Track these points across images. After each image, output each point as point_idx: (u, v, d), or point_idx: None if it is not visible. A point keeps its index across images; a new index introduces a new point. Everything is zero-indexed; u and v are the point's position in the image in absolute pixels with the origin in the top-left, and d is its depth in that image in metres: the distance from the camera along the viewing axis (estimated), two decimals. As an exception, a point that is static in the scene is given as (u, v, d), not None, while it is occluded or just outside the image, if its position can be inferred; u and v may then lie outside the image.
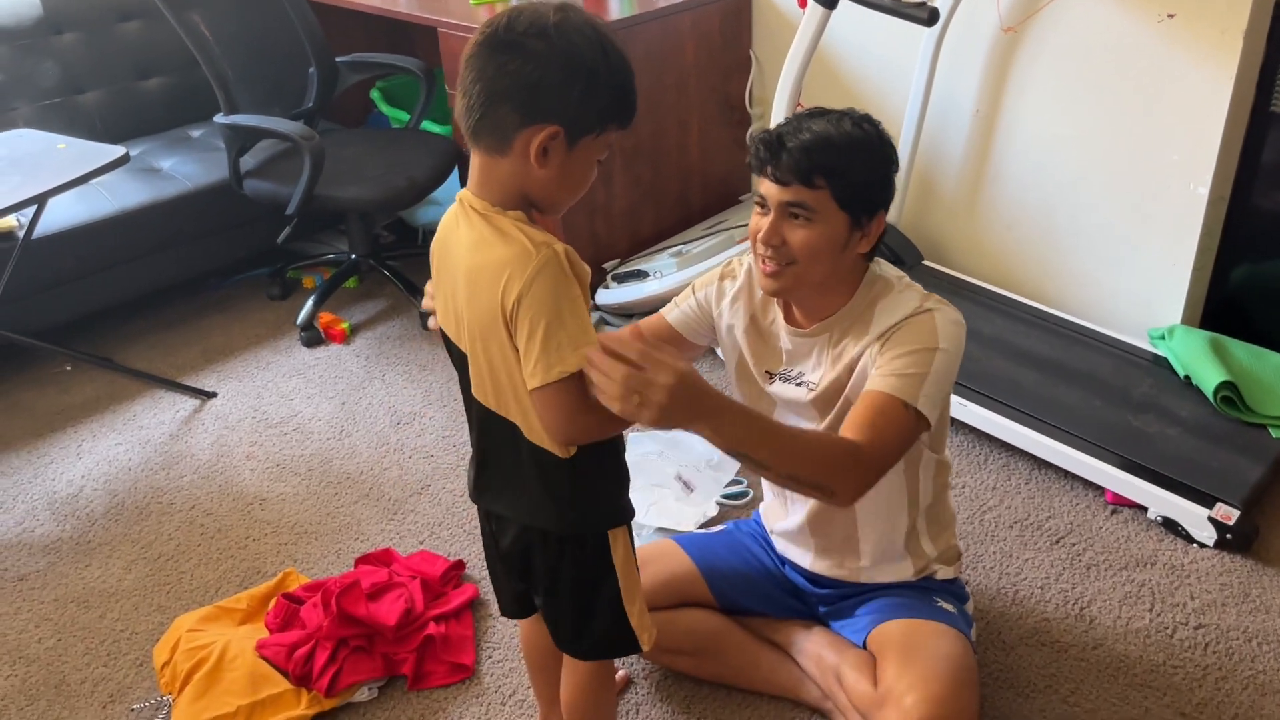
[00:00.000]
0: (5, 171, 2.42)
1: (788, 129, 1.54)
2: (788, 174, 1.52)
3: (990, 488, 2.36)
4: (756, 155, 1.56)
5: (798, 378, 1.69)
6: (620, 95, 1.24)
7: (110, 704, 1.94)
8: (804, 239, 1.54)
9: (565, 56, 1.18)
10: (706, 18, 3.14)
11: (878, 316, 1.59)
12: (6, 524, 2.40)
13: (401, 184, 2.95)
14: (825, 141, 1.51)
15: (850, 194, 1.53)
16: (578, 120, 1.21)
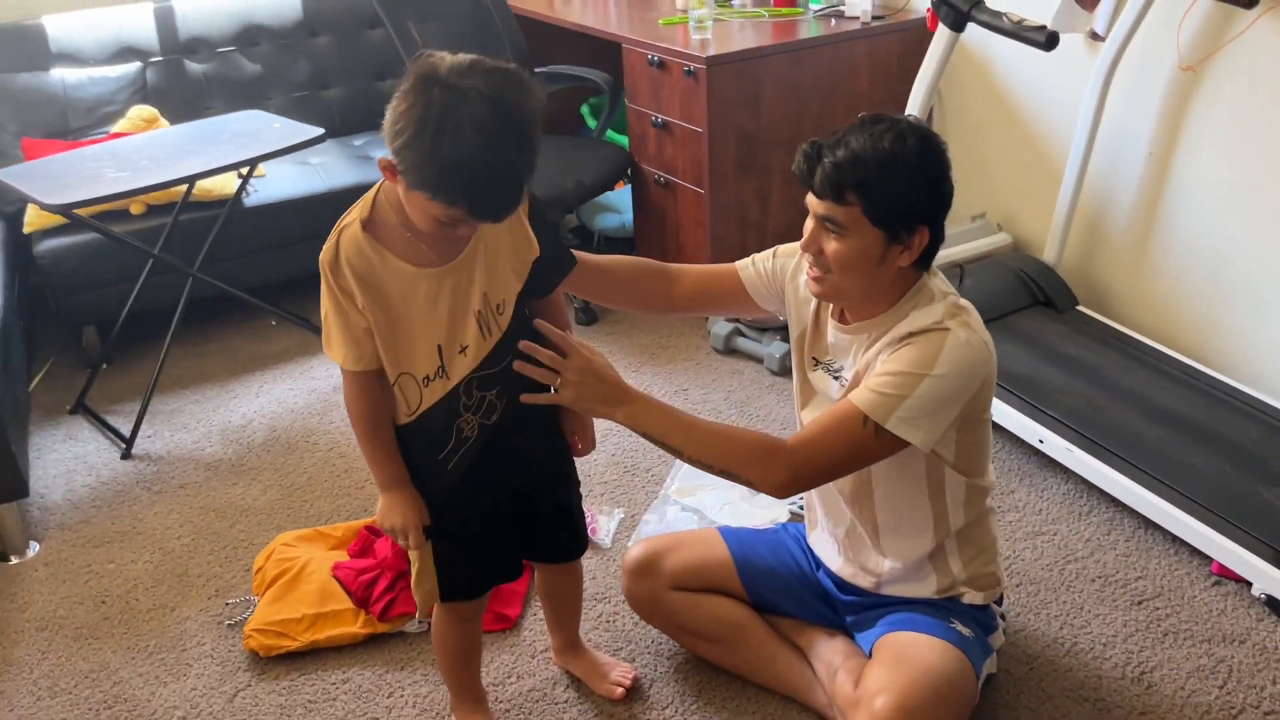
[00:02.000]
0: (227, 142, 2.83)
1: (830, 141, 1.54)
2: (822, 188, 1.52)
3: (1084, 539, 2.23)
4: (798, 165, 1.56)
5: (837, 371, 1.70)
6: (448, 184, 1.26)
7: (214, 597, 2.22)
8: (836, 251, 1.54)
9: (419, 124, 1.23)
10: (884, 46, 3.15)
11: (905, 323, 1.58)
12: (185, 441, 2.79)
13: (569, 185, 3.16)
14: (858, 159, 1.49)
15: (883, 211, 1.51)
16: (409, 169, 1.27)
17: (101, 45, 3.45)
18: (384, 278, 1.42)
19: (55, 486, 2.62)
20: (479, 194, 1.28)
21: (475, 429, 1.53)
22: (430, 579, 1.64)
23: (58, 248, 3.00)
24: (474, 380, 1.50)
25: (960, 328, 1.55)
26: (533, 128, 1.29)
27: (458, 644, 1.77)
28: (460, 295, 1.45)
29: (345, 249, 1.41)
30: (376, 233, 1.42)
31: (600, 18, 3.49)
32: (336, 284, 1.42)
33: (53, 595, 2.26)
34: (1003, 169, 3.15)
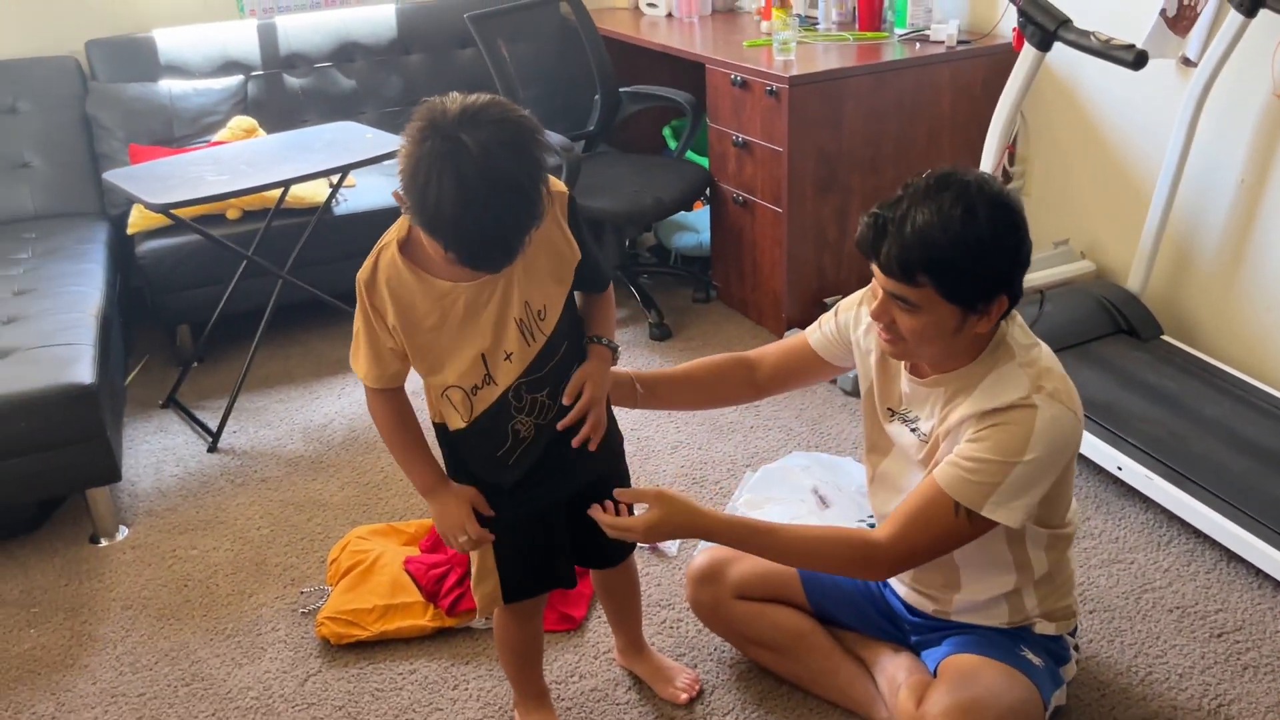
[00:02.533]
0: (321, 150, 2.93)
1: (894, 214, 1.44)
2: (889, 267, 1.45)
3: (1163, 569, 2.17)
4: (861, 237, 1.49)
5: (914, 422, 1.65)
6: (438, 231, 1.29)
7: (290, 586, 2.29)
8: (910, 326, 1.49)
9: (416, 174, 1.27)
10: (968, 70, 3.14)
11: (984, 389, 1.52)
12: (269, 438, 2.88)
13: (648, 202, 3.21)
14: (926, 240, 1.41)
15: (958, 290, 1.45)
16: (409, 209, 1.31)
17: (207, 59, 3.60)
18: (420, 298, 1.44)
19: (145, 475, 2.73)
20: (467, 249, 1.30)
21: (531, 429, 1.55)
22: (491, 579, 1.67)
23: (157, 249, 3.13)
24: (522, 385, 1.51)
25: (1047, 402, 1.48)
26: (524, 187, 1.29)
27: (519, 642, 1.80)
28: (500, 304, 1.46)
29: (383, 270, 1.44)
30: (413, 253, 1.44)
31: (685, 39, 3.54)
32: (370, 302, 1.45)
33: (138, 577, 2.34)
34: (1087, 195, 3.11)
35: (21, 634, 2.19)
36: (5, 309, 2.66)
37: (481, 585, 1.68)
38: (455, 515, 1.57)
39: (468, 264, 1.33)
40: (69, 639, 2.17)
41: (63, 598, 2.29)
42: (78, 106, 3.45)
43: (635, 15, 4.06)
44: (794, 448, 2.67)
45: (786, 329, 3.15)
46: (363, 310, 1.47)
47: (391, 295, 1.44)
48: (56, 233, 3.21)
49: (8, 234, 3.22)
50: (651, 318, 3.33)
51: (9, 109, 3.39)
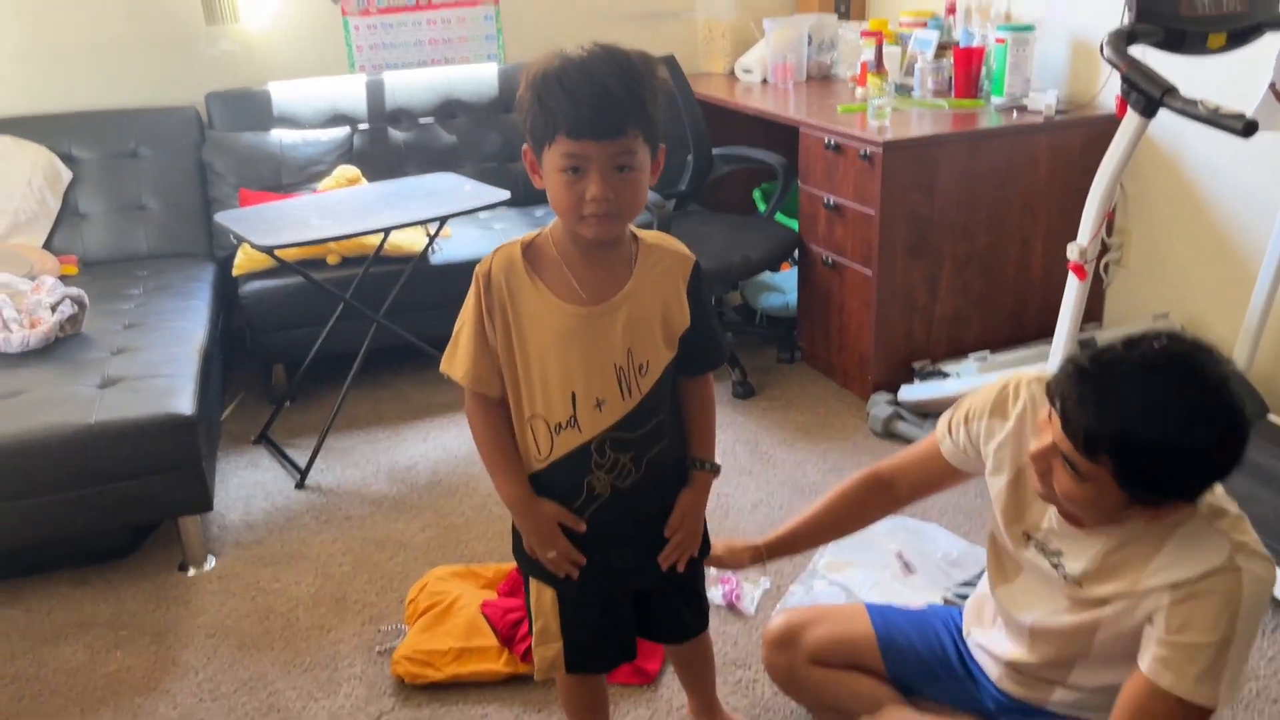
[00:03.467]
0: (421, 199, 3.02)
1: (1104, 379, 1.29)
2: (1074, 433, 1.31)
3: (1267, 657, 2.07)
4: (1057, 381, 1.35)
5: (1055, 555, 1.52)
6: (545, 108, 1.30)
7: (368, 624, 2.31)
8: (1066, 489, 1.37)
9: (536, 71, 1.32)
10: (1066, 139, 3.11)
11: (1171, 551, 1.38)
12: (354, 477, 2.94)
13: (736, 260, 3.22)
14: (1128, 429, 1.27)
15: (1136, 485, 1.31)
16: (530, 131, 1.34)
17: (317, 111, 3.75)
18: (534, 305, 1.43)
19: (234, 508, 2.79)
20: (568, 107, 1.29)
21: (608, 488, 1.51)
22: (556, 644, 1.62)
23: (259, 290, 3.24)
24: (608, 440, 1.47)
25: (1250, 561, 1.34)
26: (636, 69, 1.32)
27: (582, 701, 1.78)
28: (601, 342, 1.43)
29: (502, 267, 1.43)
30: (533, 259, 1.44)
31: (779, 104, 3.58)
32: (484, 297, 1.43)
33: (222, 606, 2.39)
34: (1189, 267, 3.04)
35: (109, 655, 2.25)
36: (115, 340, 2.78)
37: (543, 647, 1.63)
38: (544, 529, 1.52)
39: (573, 130, 1.29)
40: (153, 663, 2.22)
41: (150, 622, 2.35)
42: (194, 153, 3.62)
43: (730, 80, 4.12)
44: (877, 512, 2.62)
45: (872, 391, 3.12)
46: (475, 303, 1.45)
47: (510, 293, 1.42)
48: (166, 271, 3.35)
49: (123, 271, 3.37)
50: (735, 375, 3.32)
51: (131, 154, 3.57)
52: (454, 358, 1.49)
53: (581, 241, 1.42)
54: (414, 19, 3.96)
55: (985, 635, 1.77)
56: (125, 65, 3.63)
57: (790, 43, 3.94)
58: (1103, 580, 1.47)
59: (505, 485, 1.52)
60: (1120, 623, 1.47)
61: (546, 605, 1.61)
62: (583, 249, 1.43)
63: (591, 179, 1.32)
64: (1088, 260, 2.42)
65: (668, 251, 1.50)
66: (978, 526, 2.54)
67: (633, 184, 1.35)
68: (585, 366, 1.44)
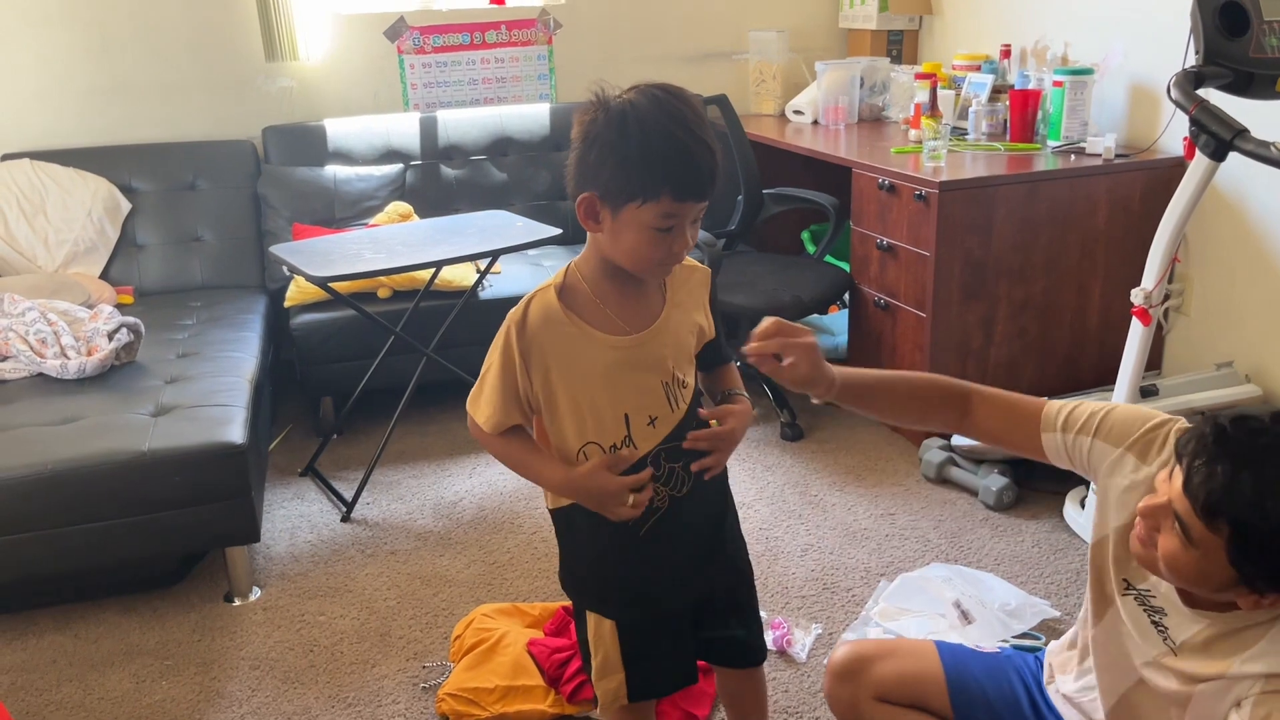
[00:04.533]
0: (473, 235, 3.03)
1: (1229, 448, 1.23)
2: (1194, 494, 1.25)
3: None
4: (1186, 441, 1.28)
5: (1158, 614, 1.44)
6: (649, 168, 1.28)
7: (412, 659, 2.28)
8: (1170, 552, 1.30)
9: (604, 131, 1.29)
10: (1125, 183, 3.07)
11: (1273, 641, 1.31)
12: (400, 511, 2.92)
13: (786, 299, 3.20)
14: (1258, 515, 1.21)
15: (1249, 567, 1.25)
16: (610, 183, 1.30)
17: (371, 147, 3.80)
18: (576, 344, 1.42)
19: (280, 539, 2.79)
20: (678, 170, 1.28)
21: (665, 500, 1.50)
22: (617, 675, 1.59)
23: (310, 322, 3.26)
24: (662, 452, 1.48)
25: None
26: (703, 114, 1.32)
27: None
28: (649, 366, 1.45)
29: (537, 312, 1.42)
30: (569, 300, 1.44)
31: (830, 145, 3.57)
32: (517, 343, 1.42)
33: (268, 638, 2.37)
34: (1254, 315, 2.97)
35: (154, 685, 2.24)
36: (169, 369, 2.80)
37: (605, 680, 1.60)
38: (606, 482, 1.42)
39: (681, 192, 1.29)
40: (198, 694, 2.20)
41: (196, 652, 2.34)
42: (250, 186, 3.67)
43: (781, 121, 4.12)
44: (931, 559, 2.56)
45: (925, 436, 3.06)
46: (505, 349, 1.43)
47: (548, 336, 1.41)
48: (220, 302, 3.39)
49: (177, 302, 3.41)
50: (784, 417, 3.28)
51: (189, 186, 3.62)
52: (479, 399, 1.48)
53: (619, 276, 1.43)
54: (468, 58, 4.01)
55: (1073, 685, 1.70)
56: (187, 100, 3.70)
57: (842, 85, 3.94)
58: (1199, 658, 1.40)
59: (550, 472, 1.47)
60: (1210, 705, 1.39)
61: (606, 636, 1.57)
62: (620, 283, 1.44)
63: (679, 235, 1.35)
64: (1152, 305, 2.37)
65: (693, 269, 1.54)
66: (1034, 577, 2.47)
67: (698, 230, 1.39)
68: (637, 390, 1.45)
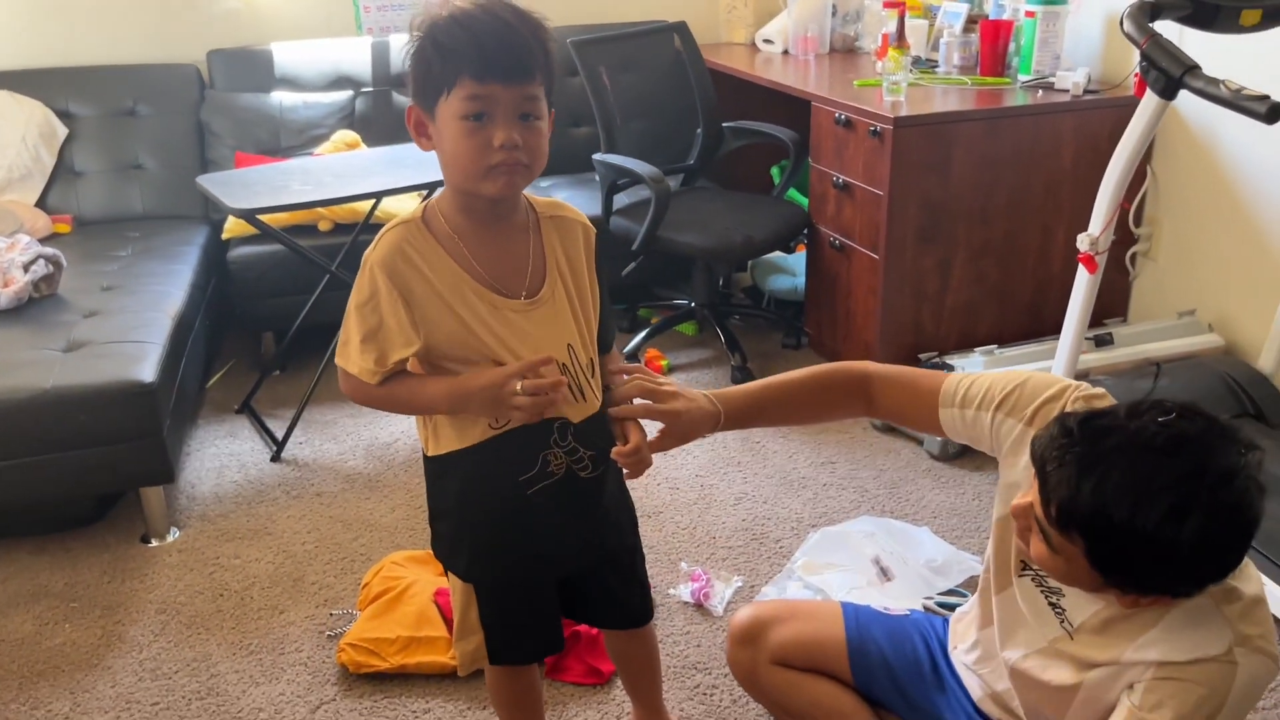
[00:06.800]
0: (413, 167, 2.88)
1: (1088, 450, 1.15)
2: (1047, 503, 1.20)
3: (1270, 688, 1.91)
4: (1041, 443, 1.21)
5: (1055, 594, 1.39)
6: (445, 51, 1.20)
7: (322, 606, 2.22)
8: (1041, 557, 1.25)
9: (423, 22, 1.23)
10: (1094, 122, 2.92)
11: (1167, 626, 1.25)
12: (332, 452, 2.86)
13: (738, 239, 3.08)
14: (1103, 513, 1.14)
15: (1109, 569, 1.19)
16: (423, 82, 1.23)
17: (320, 74, 3.65)
18: (438, 282, 1.30)
19: (206, 479, 2.72)
20: (475, 47, 1.20)
21: (564, 469, 1.40)
22: (475, 636, 1.52)
23: (247, 255, 3.16)
24: (572, 428, 1.39)
25: (1249, 656, 1.20)
26: (534, 16, 1.25)
27: (512, 696, 1.67)
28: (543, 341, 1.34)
29: (405, 244, 1.28)
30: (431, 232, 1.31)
31: (797, 77, 3.42)
32: (384, 277, 1.27)
33: (178, 581, 2.32)
34: (1220, 264, 2.84)
35: (57, 628, 2.19)
36: (90, 303, 2.71)
37: (463, 642, 1.53)
38: (495, 375, 1.29)
39: (481, 73, 1.19)
40: (99, 638, 2.15)
41: (103, 595, 2.29)
42: (193, 113, 3.54)
43: (751, 51, 3.96)
44: (866, 510, 2.48)
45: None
46: (371, 287, 1.28)
47: (414, 275, 1.28)
48: (158, 233, 3.28)
49: (113, 232, 3.30)
50: (734, 360, 3.19)
51: (128, 112, 3.50)
52: (349, 349, 1.32)
53: (478, 210, 1.31)
54: (424, -20, 3.84)
55: (968, 656, 1.64)
56: (127, 20, 3.55)
57: (813, 13, 3.76)
58: (1094, 641, 1.33)
59: (434, 387, 1.32)
60: (1101, 690, 1.33)
61: (461, 597, 1.50)
62: (478, 220, 1.32)
63: (498, 125, 1.22)
64: (1099, 251, 2.25)
65: (575, 223, 1.41)
66: (970, 531, 2.40)
67: (538, 134, 1.26)
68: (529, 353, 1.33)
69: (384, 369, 1.31)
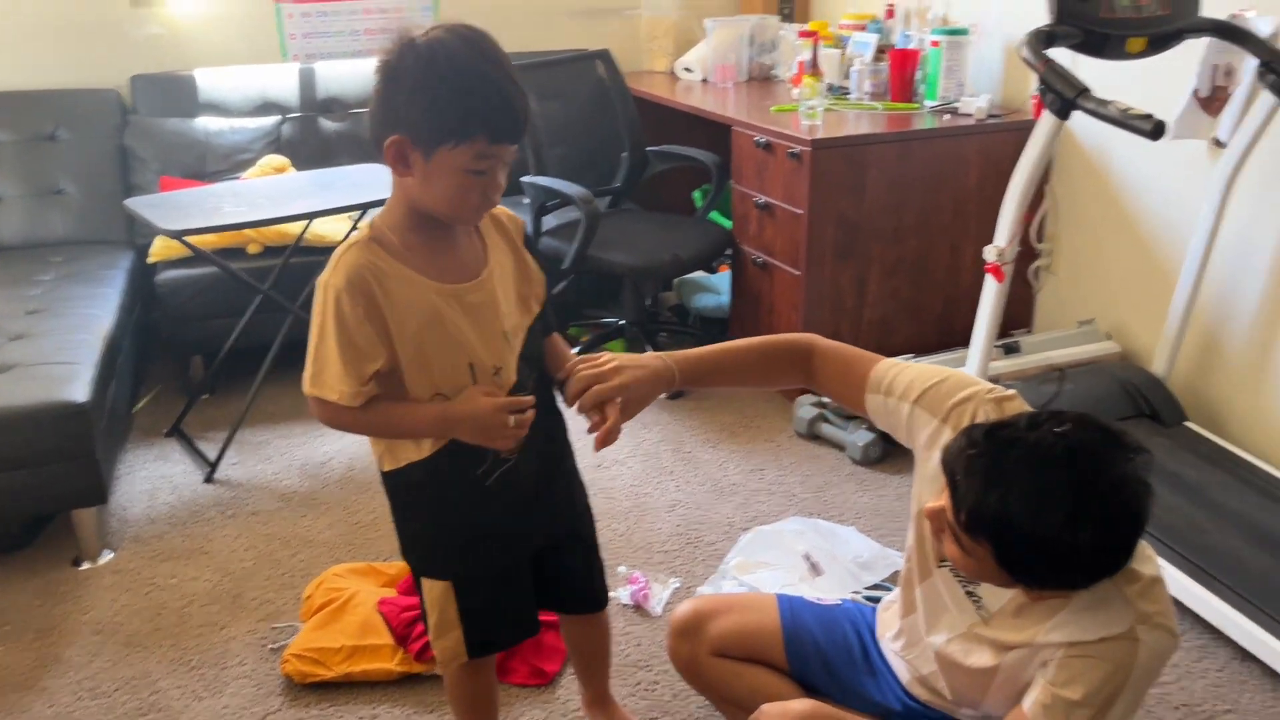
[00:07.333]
0: (344, 189, 2.95)
1: (993, 461, 1.24)
2: (957, 508, 1.28)
3: (1171, 664, 2.04)
4: (950, 453, 1.30)
5: (972, 583, 1.48)
6: (464, 108, 1.26)
7: (263, 621, 2.23)
8: (955, 555, 1.35)
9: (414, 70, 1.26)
10: (998, 144, 3.10)
11: (1078, 612, 1.34)
12: (266, 472, 2.86)
13: (665, 258, 3.18)
14: (1006, 518, 1.23)
15: (1015, 569, 1.28)
16: (422, 126, 1.27)
17: (246, 99, 3.67)
18: (402, 291, 1.36)
19: (138, 501, 2.71)
20: (494, 110, 1.27)
21: (516, 450, 1.49)
22: (454, 632, 1.57)
23: (175, 279, 3.15)
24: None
25: (1150, 633, 1.30)
26: (506, 57, 1.31)
27: (474, 695, 1.72)
28: (486, 314, 1.43)
29: (359, 267, 1.34)
30: (389, 248, 1.38)
31: (716, 103, 3.55)
32: (349, 299, 1.33)
33: (114, 602, 2.31)
34: (1115, 274, 3.03)
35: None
36: (15, 326, 2.68)
37: (442, 639, 1.58)
38: (485, 403, 1.38)
39: (495, 134, 1.27)
40: (34, 660, 2.13)
41: (36, 618, 2.26)
42: (116, 138, 3.52)
43: (671, 79, 4.08)
44: (795, 513, 2.58)
45: (799, 395, 3.08)
46: (337, 311, 1.33)
47: (380, 290, 1.34)
48: (82, 258, 3.25)
49: (35, 257, 3.26)
50: (664, 376, 3.27)
51: (48, 137, 3.46)
52: (322, 378, 1.36)
53: (427, 227, 1.38)
54: (350, 8, 3.89)
55: (896, 643, 1.74)
56: (46, 45, 3.53)
57: (731, 43, 3.91)
58: (1010, 625, 1.44)
59: (422, 413, 1.41)
60: (1018, 670, 1.44)
61: (439, 596, 1.55)
62: (428, 234, 1.39)
63: (494, 178, 1.33)
64: (1005, 262, 2.40)
65: (508, 217, 1.53)
66: (894, 530, 2.51)
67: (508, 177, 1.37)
68: (480, 338, 1.43)
69: (363, 389, 1.36)
